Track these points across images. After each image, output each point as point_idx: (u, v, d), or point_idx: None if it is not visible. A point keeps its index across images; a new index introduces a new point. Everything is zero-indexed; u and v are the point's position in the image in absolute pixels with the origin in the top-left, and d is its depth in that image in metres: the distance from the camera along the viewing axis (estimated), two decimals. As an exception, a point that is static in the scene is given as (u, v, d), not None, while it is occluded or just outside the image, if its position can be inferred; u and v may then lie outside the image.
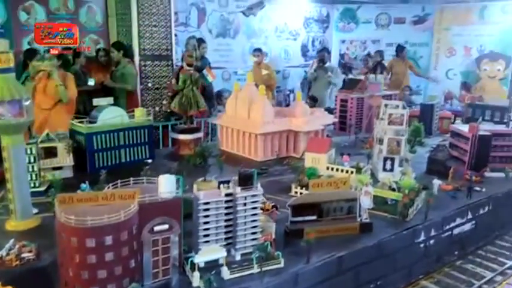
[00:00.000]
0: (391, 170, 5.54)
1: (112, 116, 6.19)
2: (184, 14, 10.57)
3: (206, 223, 3.45)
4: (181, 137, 7.09)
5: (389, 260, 4.30)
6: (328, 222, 4.21)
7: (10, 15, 8.09)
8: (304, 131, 6.75)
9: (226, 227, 3.55)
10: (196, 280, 3.26)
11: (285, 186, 5.43)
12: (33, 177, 4.97)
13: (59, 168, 5.61)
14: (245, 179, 3.57)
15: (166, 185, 3.24)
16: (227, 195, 3.51)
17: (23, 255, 3.55)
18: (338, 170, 5.29)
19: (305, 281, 3.62)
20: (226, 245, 3.55)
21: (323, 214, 4.23)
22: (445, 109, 9.82)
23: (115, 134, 6.17)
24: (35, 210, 4.47)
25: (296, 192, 5.15)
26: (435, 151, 6.17)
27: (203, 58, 9.31)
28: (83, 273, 2.84)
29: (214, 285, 3.19)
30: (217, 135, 7.58)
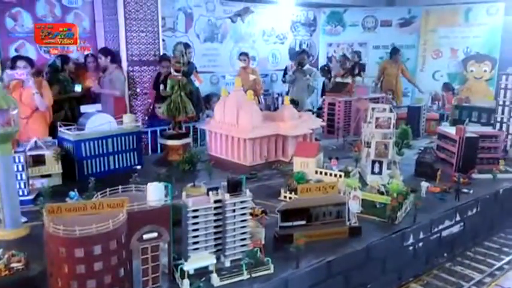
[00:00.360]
0: (380, 173, 5.59)
1: (100, 123, 6.16)
2: (171, 19, 10.58)
3: (195, 230, 3.45)
4: (169, 143, 7.07)
5: (378, 264, 4.34)
6: (317, 226, 4.23)
7: (-4, 22, 8.04)
8: (292, 135, 6.76)
9: (215, 234, 3.55)
10: (186, 287, 3.26)
11: (274, 190, 5.44)
12: (21, 185, 4.94)
13: (48, 176, 5.58)
14: (234, 186, 3.58)
15: (154, 193, 3.25)
16: (216, 201, 3.51)
17: (12, 265, 3.54)
18: (327, 174, 5.31)
19: (295, 287, 3.63)
20: (215, 252, 3.55)
21: (312, 219, 4.25)
22: (432, 111, 9.90)
23: (103, 141, 6.13)
24: (24, 218, 4.44)
25: (285, 196, 5.16)
26: (423, 153, 6.21)
27: (189, 63, 9.30)
28: (72, 283, 2.84)
29: (204, 292, 3.20)
30: (205, 140, 7.57)
